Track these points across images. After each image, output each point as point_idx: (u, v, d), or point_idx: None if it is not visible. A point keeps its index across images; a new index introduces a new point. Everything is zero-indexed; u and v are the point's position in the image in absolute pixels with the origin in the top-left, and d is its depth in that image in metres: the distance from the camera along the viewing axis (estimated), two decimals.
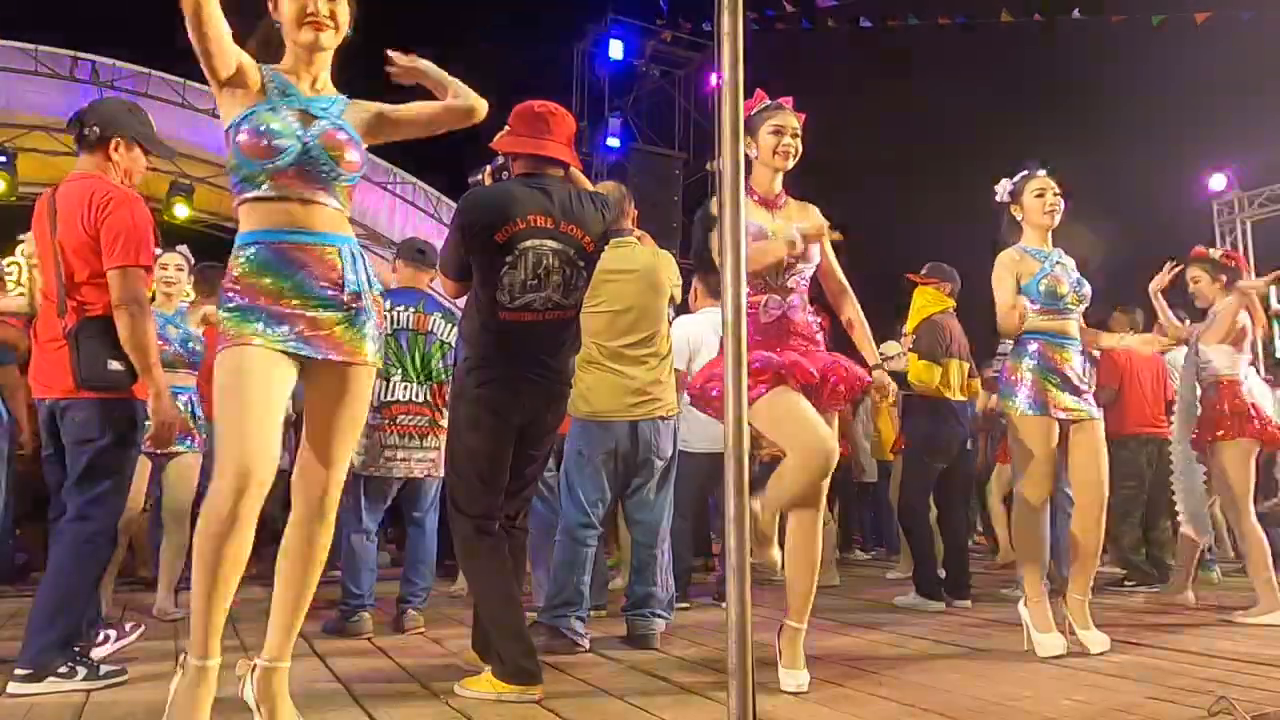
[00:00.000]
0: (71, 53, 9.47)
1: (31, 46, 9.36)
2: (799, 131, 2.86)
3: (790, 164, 2.86)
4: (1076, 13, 9.54)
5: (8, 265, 11.38)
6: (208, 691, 1.94)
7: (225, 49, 2.02)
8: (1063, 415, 3.32)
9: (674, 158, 14.41)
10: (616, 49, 14.09)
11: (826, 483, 2.72)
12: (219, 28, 1.99)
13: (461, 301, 2.93)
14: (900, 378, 4.68)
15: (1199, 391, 4.33)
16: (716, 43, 1.59)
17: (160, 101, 9.77)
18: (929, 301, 4.90)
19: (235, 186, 2.10)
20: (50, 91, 9.61)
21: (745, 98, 1.61)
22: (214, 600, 1.91)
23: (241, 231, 2.09)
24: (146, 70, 9.75)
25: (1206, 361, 4.27)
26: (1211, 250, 4.48)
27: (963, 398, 4.79)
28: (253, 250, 2.04)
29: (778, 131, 2.83)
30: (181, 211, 10.02)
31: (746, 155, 2.84)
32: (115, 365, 2.71)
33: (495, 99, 2.44)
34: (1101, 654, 3.16)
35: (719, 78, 1.59)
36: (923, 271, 5.04)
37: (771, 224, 2.82)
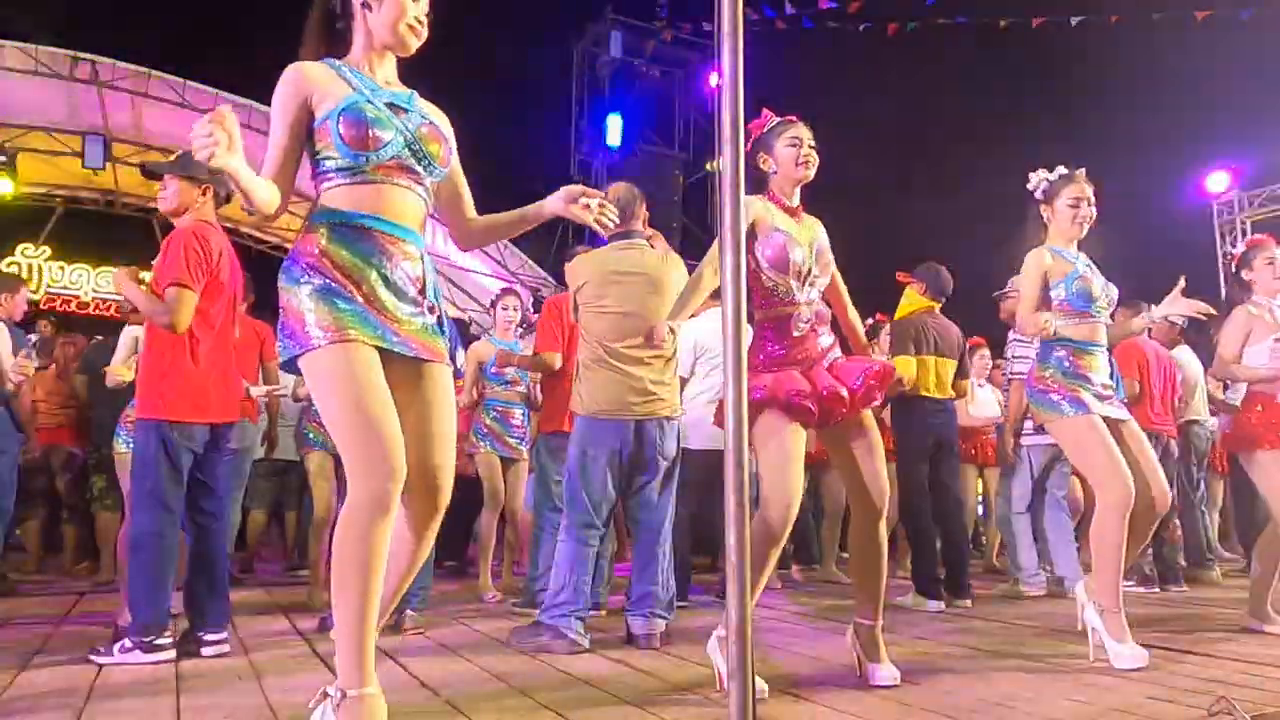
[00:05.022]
0: (71, 53, 9.46)
1: (31, 46, 9.34)
2: (813, 142, 2.85)
3: (811, 173, 2.84)
4: (1074, 20, 9.55)
5: (7, 265, 11.39)
6: None
7: (295, 157, 2.00)
8: (1101, 412, 3.19)
9: (674, 158, 14.42)
10: (616, 48, 14.11)
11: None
12: (287, 179, 1.98)
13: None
14: None
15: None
16: (716, 43, 1.59)
17: (160, 101, 9.76)
18: (908, 302, 4.97)
19: (327, 175, 2.00)
20: (50, 91, 9.60)
21: (745, 98, 1.61)
22: (369, 622, 1.81)
23: (326, 209, 1.99)
24: (146, 70, 9.73)
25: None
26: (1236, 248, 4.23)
27: (944, 395, 4.80)
28: (340, 226, 1.96)
29: (795, 143, 2.82)
30: None
31: (763, 171, 2.85)
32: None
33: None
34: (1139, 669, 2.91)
35: (719, 78, 1.59)
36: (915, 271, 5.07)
37: (797, 231, 2.80)
